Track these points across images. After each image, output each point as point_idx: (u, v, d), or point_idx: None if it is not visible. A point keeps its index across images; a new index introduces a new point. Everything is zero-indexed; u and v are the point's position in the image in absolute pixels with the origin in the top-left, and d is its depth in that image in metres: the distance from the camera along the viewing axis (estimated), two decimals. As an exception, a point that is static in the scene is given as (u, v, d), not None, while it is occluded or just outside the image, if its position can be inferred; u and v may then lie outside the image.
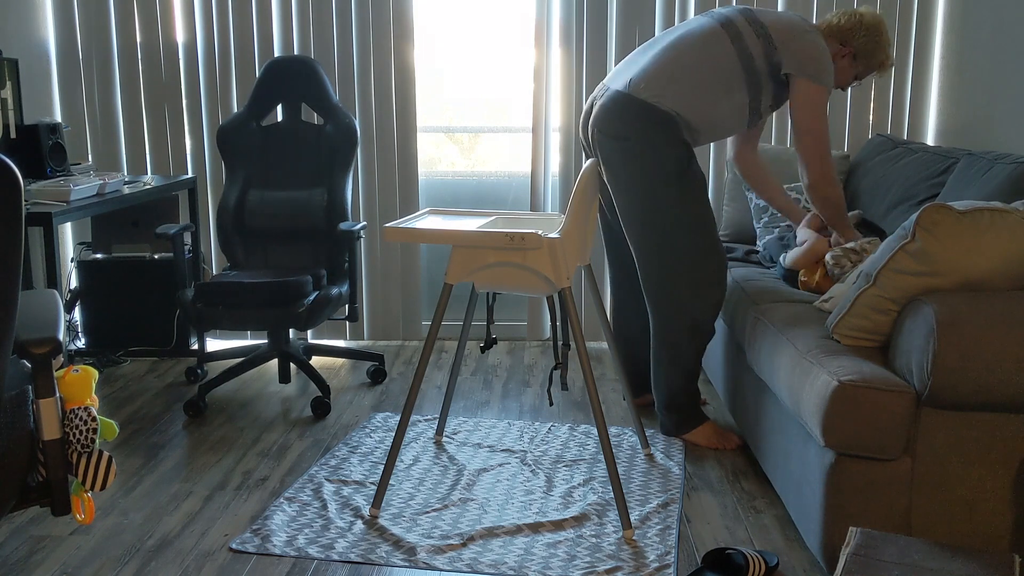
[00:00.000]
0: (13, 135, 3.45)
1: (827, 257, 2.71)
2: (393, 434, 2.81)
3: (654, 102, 2.67)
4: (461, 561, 2.13)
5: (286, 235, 3.54)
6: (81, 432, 1.58)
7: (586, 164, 2.45)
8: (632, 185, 2.71)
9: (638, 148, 2.67)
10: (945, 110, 3.79)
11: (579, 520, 2.33)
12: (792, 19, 2.71)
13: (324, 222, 3.50)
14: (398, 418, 3.08)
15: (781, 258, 2.96)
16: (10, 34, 3.75)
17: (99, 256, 3.92)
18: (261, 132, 3.60)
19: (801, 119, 2.67)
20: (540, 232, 2.25)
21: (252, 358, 3.34)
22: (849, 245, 2.69)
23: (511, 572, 2.08)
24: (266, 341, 3.45)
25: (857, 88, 3.90)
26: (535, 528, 2.29)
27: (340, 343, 4.12)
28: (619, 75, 2.80)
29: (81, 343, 3.93)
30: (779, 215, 3.40)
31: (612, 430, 2.99)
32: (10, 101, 3.45)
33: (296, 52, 3.93)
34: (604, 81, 2.87)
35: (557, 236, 2.28)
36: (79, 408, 1.59)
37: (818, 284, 2.76)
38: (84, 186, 3.14)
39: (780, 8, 3.85)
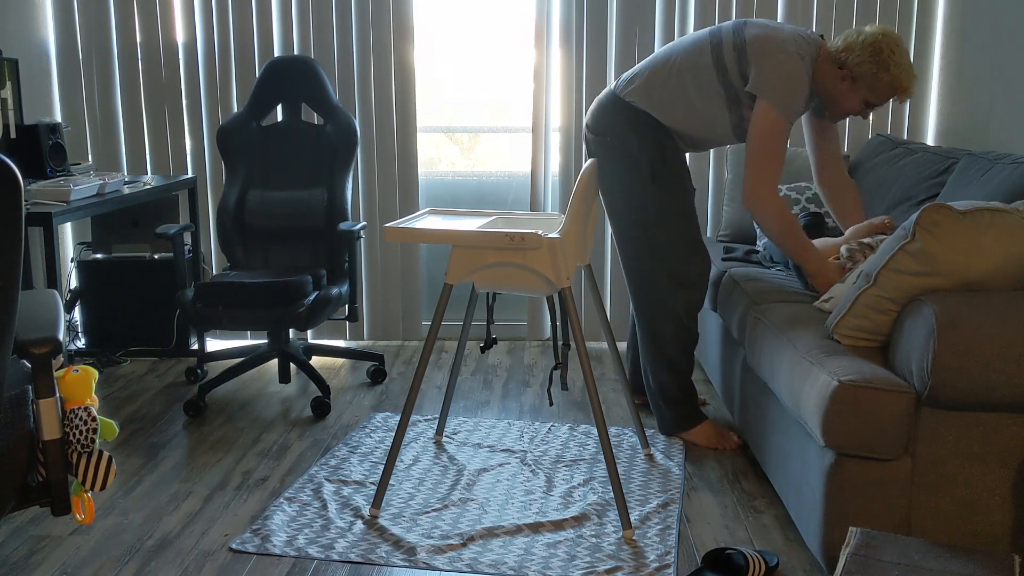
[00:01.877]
0: (13, 135, 3.45)
1: (842, 250, 2.70)
2: (393, 434, 2.81)
3: (633, 102, 2.74)
4: (461, 561, 2.13)
5: (286, 235, 3.54)
6: (81, 432, 1.58)
7: (586, 164, 2.45)
8: (614, 182, 2.78)
9: (615, 145, 2.74)
10: (945, 110, 3.79)
11: (579, 520, 2.33)
12: (776, 37, 2.60)
13: (324, 222, 3.50)
14: (398, 418, 3.08)
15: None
16: (10, 34, 3.75)
17: (99, 256, 3.92)
18: (261, 132, 3.60)
19: (751, 139, 2.61)
20: (540, 232, 2.25)
21: (252, 358, 3.34)
22: (865, 240, 2.67)
23: (511, 572, 2.08)
24: (266, 341, 3.45)
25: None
26: (535, 528, 2.29)
27: (340, 343, 4.12)
28: (621, 77, 2.86)
29: (81, 343, 3.93)
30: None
31: (612, 430, 2.99)
32: (10, 101, 3.45)
33: (296, 52, 3.93)
34: None
35: (557, 236, 2.28)
36: (79, 408, 1.59)
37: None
38: (84, 186, 3.14)
39: (780, 12, 3.85)
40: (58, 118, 3.99)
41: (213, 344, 4.06)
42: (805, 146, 3.14)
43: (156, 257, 3.89)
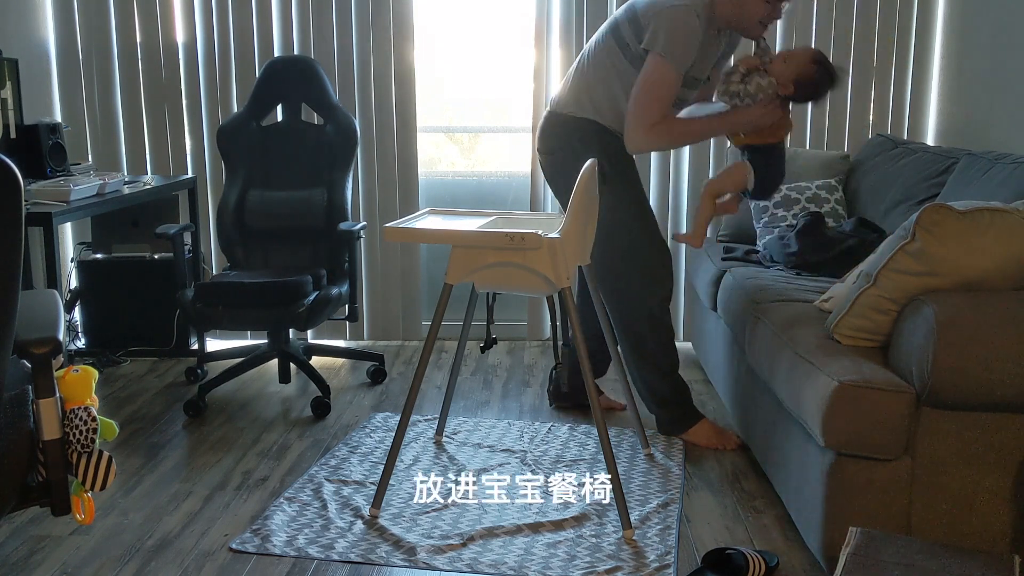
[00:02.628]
0: (13, 135, 3.45)
1: (718, 91, 2.69)
2: (393, 434, 2.81)
3: (571, 112, 2.80)
4: (461, 561, 2.13)
5: (286, 235, 3.54)
6: (81, 432, 1.58)
7: (586, 164, 2.45)
8: (568, 195, 2.80)
9: (563, 159, 2.80)
10: (945, 110, 3.79)
11: (579, 520, 2.33)
12: None
13: (324, 222, 3.50)
14: (398, 418, 3.08)
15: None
16: (10, 34, 3.75)
17: (99, 256, 3.92)
18: (261, 132, 3.60)
19: (638, 86, 2.63)
20: (540, 232, 2.25)
21: (252, 358, 3.34)
22: (729, 68, 2.68)
23: (511, 572, 2.08)
24: (266, 341, 3.45)
25: (857, 88, 3.90)
26: (535, 528, 2.29)
27: (340, 343, 4.12)
28: (552, 96, 2.95)
29: (81, 343, 3.93)
30: (779, 214, 3.39)
31: (612, 430, 2.99)
32: (10, 101, 3.45)
33: (296, 52, 3.93)
34: None
35: (557, 236, 2.28)
36: (79, 408, 1.59)
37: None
38: (84, 186, 3.14)
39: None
40: (58, 118, 3.99)
41: (213, 344, 4.06)
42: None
43: (156, 257, 3.89)
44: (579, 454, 2.78)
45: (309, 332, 4.13)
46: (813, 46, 3.87)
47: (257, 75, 3.82)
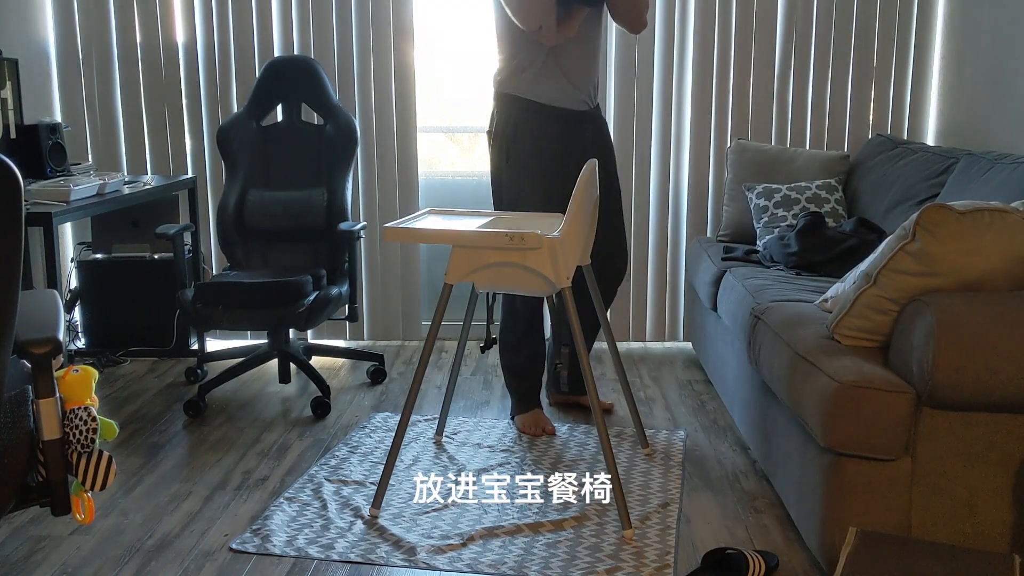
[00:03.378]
0: (13, 135, 3.45)
1: None
2: (393, 434, 2.81)
3: (497, 94, 2.91)
4: (461, 561, 2.13)
5: (286, 235, 3.54)
6: (81, 432, 1.58)
7: (586, 164, 2.45)
8: (494, 168, 2.94)
9: (491, 139, 2.94)
10: (945, 110, 3.79)
11: (579, 520, 2.33)
12: None
13: (324, 222, 3.50)
14: (398, 418, 3.08)
15: None
16: (10, 34, 3.75)
17: (99, 256, 3.92)
18: (261, 132, 3.60)
19: None
20: (540, 232, 2.25)
21: (252, 358, 3.34)
22: None
23: (511, 572, 2.08)
24: (266, 341, 3.45)
25: (857, 88, 3.90)
26: (535, 528, 2.29)
27: (340, 343, 4.12)
28: None
29: (81, 343, 3.93)
30: (779, 215, 3.39)
31: (612, 430, 2.99)
32: (10, 101, 3.45)
33: (296, 52, 3.93)
34: None
35: (557, 236, 2.28)
36: (79, 408, 1.59)
37: None
38: (84, 186, 3.14)
39: (780, 12, 3.85)
40: (58, 118, 3.99)
41: (213, 344, 4.06)
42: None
43: (156, 257, 3.89)
44: (579, 454, 2.78)
45: (309, 332, 4.13)
46: (812, 42, 3.87)
47: (257, 75, 3.82)
